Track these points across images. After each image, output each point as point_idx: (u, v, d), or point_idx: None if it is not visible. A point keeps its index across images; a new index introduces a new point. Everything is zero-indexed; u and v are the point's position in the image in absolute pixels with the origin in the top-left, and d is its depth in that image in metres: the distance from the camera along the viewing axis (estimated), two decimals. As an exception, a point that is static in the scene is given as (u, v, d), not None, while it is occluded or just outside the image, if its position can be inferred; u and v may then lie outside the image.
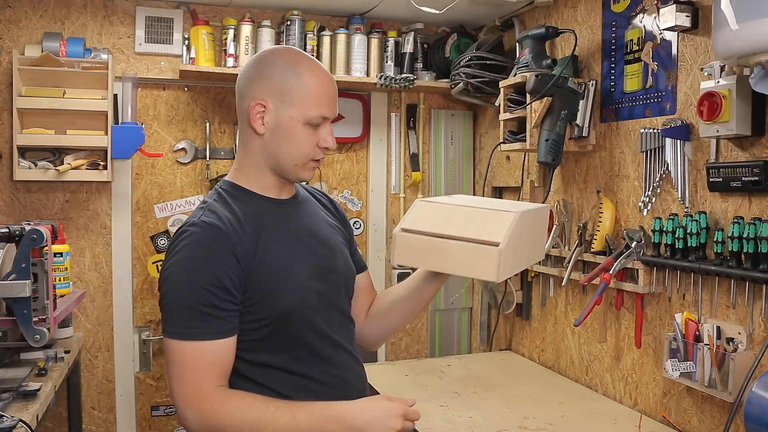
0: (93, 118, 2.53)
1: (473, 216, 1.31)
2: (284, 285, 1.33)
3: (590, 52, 2.31)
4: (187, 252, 1.28)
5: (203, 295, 1.26)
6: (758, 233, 1.60)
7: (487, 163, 2.90)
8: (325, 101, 1.36)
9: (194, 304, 1.26)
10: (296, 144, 1.36)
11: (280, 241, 1.36)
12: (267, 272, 1.32)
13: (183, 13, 2.73)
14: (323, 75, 1.38)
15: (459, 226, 1.29)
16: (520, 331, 2.79)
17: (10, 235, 1.81)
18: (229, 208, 1.35)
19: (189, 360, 1.26)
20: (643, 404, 2.08)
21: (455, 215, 1.32)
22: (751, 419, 1.44)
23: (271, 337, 1.34)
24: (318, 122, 1.36)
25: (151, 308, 2.81)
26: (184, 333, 1.26)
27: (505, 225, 1.27)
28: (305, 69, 1.36)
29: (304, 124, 1.35)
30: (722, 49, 1.53)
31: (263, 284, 1.31)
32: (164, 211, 2.82)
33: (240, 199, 1.38)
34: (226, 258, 1.28)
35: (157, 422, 2.83)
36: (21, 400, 1.74)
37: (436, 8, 2.61)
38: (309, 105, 1.34)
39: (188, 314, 1.26)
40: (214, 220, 1.30)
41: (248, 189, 1.40)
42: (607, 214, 2.16)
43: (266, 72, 1.36)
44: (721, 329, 1.75)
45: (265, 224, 1.36)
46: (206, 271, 1.26)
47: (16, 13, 2.55)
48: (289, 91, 1.34)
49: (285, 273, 1.34)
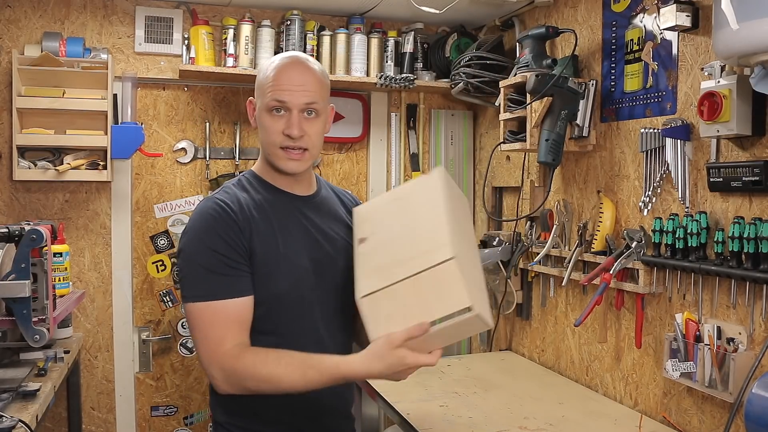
0: (93, 118, 2.53)
1: (421, 286, 1.25)
2: (281, 270, 1.42)
3: (590, 51, 2.31)
4: (199, 224, 1.41)
5: (217, 258, 1.36)
6: (759, 233, 1.60)
7: (487, 163, 2.89)
8: (284, 88, 1.42)
9: (209, 267, 1.36)
10: (265, 132, 1.46)
11: (284, 230, 1.45)
12: (267, 254, 1.41)
13: (183, 12, 2.73)
14: (290, 65, 1.45)
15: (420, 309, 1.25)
16: (520, 331, 2.79)
17: (10, 235, 1.81)
18: (244, 192, 1.47)
19: (208, 319, 1.36)
20: (644, 404, 2.08)
21: (406, 296, 1.26)
22: (751, 419, 1.44)
23: (261, 320, 1.42)
24: (277, 106, 1.43)
25: (150, 308, 2.81)
26: (202, 295, 1.36)
27: (456, 282, 1.22)
28: (277, 64, 1.46)
29: (267, 112, 1.44)
30: (723, 49, 1.52)
31: (261, 265, 1.40)
32: (164, 211, 2.82)
33: (255, 187, 1.49)
34: (233, 230, 1.39)
35: (157, 422, 2.83)
36: (20, 401, 1.74)
37: (436, 8, 2.61)
38: (268, 92, 1.43)
39: (204, 277, 1.37)
40: (225, 199, 1.43)
41: (264, 179, 1.52)
42: (608, 214, 2.16)
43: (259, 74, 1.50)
44: (722, 329, 1.75)
45: (275, 213, 1.46)
46: (218, 237, 1.37)
47: (16, 13, 2.55)
48: (260, 85, 1.47)
49: (284, 259, 1.43)
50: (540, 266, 2.47)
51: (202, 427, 2.90)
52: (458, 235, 1.34)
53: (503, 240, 2.68)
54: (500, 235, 2.71)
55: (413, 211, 1.43)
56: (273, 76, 1.44)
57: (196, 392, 2.88)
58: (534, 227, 2.57)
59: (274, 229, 1.44)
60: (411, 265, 1.27)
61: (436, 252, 1.25)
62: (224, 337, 1.35)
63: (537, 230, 2.55)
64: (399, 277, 1.27)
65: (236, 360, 1.34)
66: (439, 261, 1.24)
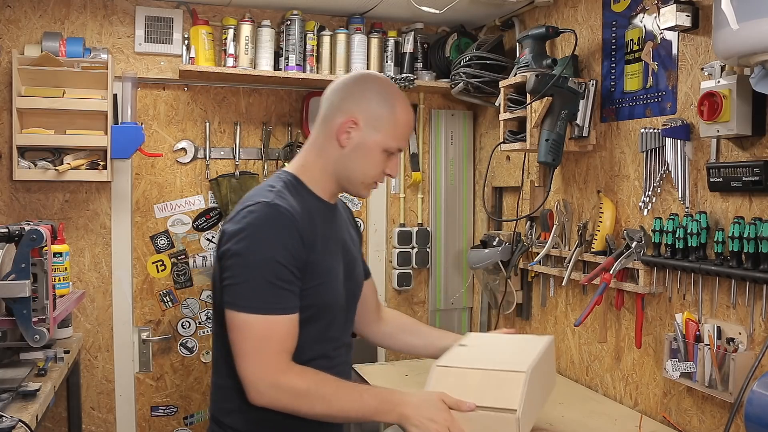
0: (92, 118, 2.53)
1: (488, 379, 1.45)
2: (331, 280, 1.46)
3: (590, 51, 2.31)
4: (261, 229, 1.35)
5: (279, 270, 1.34)
6: (759, 233, 1.60)
7: (487, 163, 2.89)
8: (405, 136, 1.51)
9: (270, 279, 1.33)
10: (370, 165, 1.48)
11: (328, 241, 1.48)
12: (320, 264, 1.43)
13: (183, 12, 2.73)
14: (410, 113, 1.52)
15: (476, 394, 1.42)
16: (520, 331, 2.78)
17: (10, 235, 1.81)
18: (294, 198, 1.44)
19: (266, 334, 1.33)
20: (644, 404, 2.08)
21: (471, 380, 1.46)
22: (751, 419, 1.44)
23: (303, 325, 1.41)
24: (393, 152, 1.49)
25: (150, 308, 2.81)
26: (258, 307, 1.33)
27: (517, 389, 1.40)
28: (399, 103, 1.49)
29: (382, 151, 1.47)
30: (722, 49, 1.52)
31: (316, 275, 1.41)
32: (164, 211, 2.81)
33: (301, 194, 1.47)
34: (296, 240, 1.37)
35: (157, 422, 2.83)
36: (20, 401, 1.74)
37: (436, 8, 2.61)
38: (392, 135, 1.47)
39: (264, 288, 1.33)
40: (285, 204, 1.38)
41: (308, 187, 1.50)
42: (608, 214, 2.16)
43: (366, 94, 1.47)
44: (722, 329, 1.75)
45: (319, 223, 1.46)
46: (282, 247, 1.34)
47: (16, 13, 2.55)
48: (380, 118, 1.46)
49: (332, 270, 1.47)
50: (540, 266, 2.47)
51: (202, 427, 2.90)
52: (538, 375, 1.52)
53: (503, 240, 2.68)
54: (500, 235, 2.71)
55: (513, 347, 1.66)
56: (403, 124, 1.48)
57: (196, 392, 2.88)
58: (534, 227, 2.57)
59: (322, 238, 1.45)
60: (490, 364, 1.50)
61: (515, 366, 1.46)
62: (281, 353, 1.35)
63: (537, 230, 2.55)
64: (474, 366, 1.50)
65: (299, 377, 1.35)
66: (513, 369, 1.45)
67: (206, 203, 2.87)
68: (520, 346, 1.64)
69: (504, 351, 1.63)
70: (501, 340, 1.74)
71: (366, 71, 1.58)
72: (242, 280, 1.34)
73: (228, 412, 1.46)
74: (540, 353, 1.56)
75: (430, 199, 3.16)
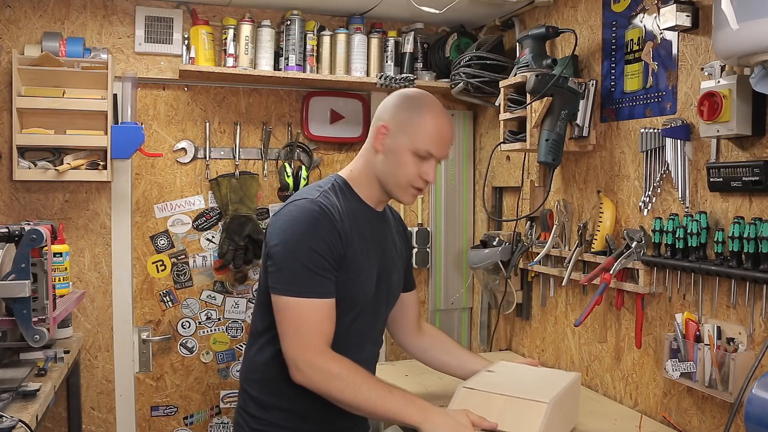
0: (92, 118, 2.52)
1: (510, 406, 1.51)
2: (361, 276, 1.57)
3: (590, 51, 2.31)
4: (303, 222, 1.50)
5: (317, 258, 1.48)
6: (759, 233, 1.60)
7: (487, 163, 2.89)
8: (435, 141, 1.57)
9: (309, 265, 1.47)
10: (401, 168, 1.58)
11: (366, 242, 1.60)
12: (354, 260, 1.55)
13: (183, 12, 2.73)
14: (442, 118, 1.60)
15: (497, 418, 1.48)
16: (520, 331, 2.79)
17: (10, 235, 1.81)
18: (338, 199, 1.58)
19: (304, 315, 1.47)
20: (644, 404, 2.08)
21: (494, 404, 1.51)
22: (751, 419, 1.44)
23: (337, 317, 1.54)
24: (424, 156, 1.57)
25: (150, 308, 2.81)
26: (299, 291, 1.47)
27: (538, 418, 1.45)
28: (428, 109, 1.59)
29: (412, 154, 1.56)
30: (723, 49, 1.52)
31: (349, 269, 1.54)
32: (164, 211, 2.81)
33: (347, 197, 1.61)
34: (333, 234, 1.50)
35: (157, 422, 2.83)
36: (20, 401, 1.74)
37: (436, 8, 2.61)
38: (419, 139, 1.56)
39: (303, 274, 1.47)
40: (327, 204, 1.53)
41: (356, 191, 1.64)
42: (608, 214, 2.16)
43: (398, 103, 1.62)
44: (722, 329, 1.75)
45: (359, 225, 1.59)
46: (320, 239, 1.49)
47: (16, 13, 2.55)
48: (408, 122, 1.58)
49: (364, 268, 1.58)
50: (540, 266, 2.47)
51: (202, 427, 2.90)
52: (561, 408, 1.57)
53: (503, 240, 2.68)
54: (500, 235, 2.71)
55: (540, 378, 1.71)
56: (429, 126, 1.57)
57: (196, 392, 2.88)
58: (534, 227, 2.57)
59: (360, 238, 1.58)
60: (514, 391, 1.54)
61: (538, 396, 1.51)
62: (317, 334, 1.47)
63: (537, 230, 2.55)
64: (500, 391, 1.55)
65: (334, 361, 1.46)
66: (536, 399, 1.50)
67: (206, 203, 2.87)
68: (547, 378, 1.70)
69: (530, 381, 1.67)
70: (528, 370, 1.78)
71: (411, 89, 1.72)
72: (282, 267, 1.49)
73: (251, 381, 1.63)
74: (565, 387, 1.61)
75: (430, 199, 3.16)
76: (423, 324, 1.95)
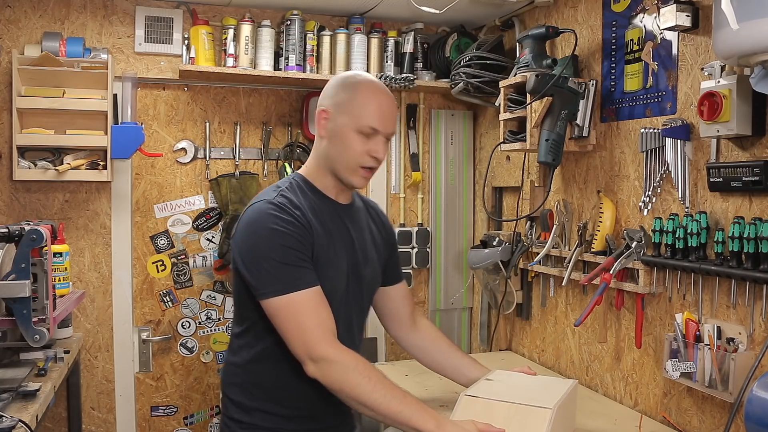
0: (92, 118, 2.52)
1: (514, 413, 1.50)
2: (329, 272, 1.54)
3: (590, 51, 2.31)
4: (265, 224, 1.47)
5: (291, 252, 1.46)
6: (759, 233, 1.60)
7: (487, 163, 2.89)
8: (376, 115, 1.54)
9: (284, 261, 1.45)
10: (347, 149, 1.55)
11: (331, 237, 1.56)
12: (320, 256, 1.52)
13: (183, 12, 2.73)
14: (380, 93, 1.57)
15: (502, 426, 1.47)
16: (520, 331, 2.79)
17: (10, 235, 1.81)
18: (297, 196, 1.56)
19: (299, 309, 1.44)
20: (644, 404, 2.08)
21: (497, 412, 1.51)
22: (751, 419, 1.44)
23: None
24: (368, 132, 1.54)
25: (150, 308, 2.81)
26: (287, 287, 1.44)
27: (543, 425, 1.46)
28: (363, 87, 1.57)
29: (356, 132, 1.54)
30: (723, 49, 1.52)
31: (316, 265, 1.50)
32: (164, 211, 2.82)
33: (306, 193, 1.59)
34: (299, 228, 1.48)
35: (157, 422, 2.83)
36: (20, 401, 1.74)
37: (436, 8, 2.61)
38: (360, 115, 1.53)
39: (283, 271, 1.44)
40: (285, 202, 1.52)
41: (314, 185, 1.62)
42: (608, 214, 2.16)
43: (336, 86, 1.59)
44: (722, 329, 1.75)
45: (323, 218, 1.56)
46: (286, 234, 1.46)
47: (16, 13, 2.55)
48: (346, 103, 1.55)
49: (330, 262, 1.55)
50: (540, 266, 2.47)
51: (202, 427, 2.90)
52: (562, 415, 1.56)
53: (503, 240, 2.68)
54: (500, 235, 2.71)
55: (539, 385, 1.71)
56: (367, 102, 1.54)
57: (196, 392, 2.88)
58: (534, 227, 2.57)
59: (325, 233, 1.55)
60: (517, 399, 1.54)
61: (541, 402, 1.51)
62: (316, 323, 1.44)
63: (537, 230, 2.55)
64: (502, 399, 1.54)
65: (329, 346, 1.42)
66: (540, 405, 1.49)
67: (206, 203, 2.87)
68: (546, 386, 1.70)
69: (530, 388, 1.68)
70: (527, 378, 1.78)
71: (348, 71, 1.70)
72: (261, 271, 1.46)
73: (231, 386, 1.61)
74: (565, 394, 1.61)
75: (430, 199, 3.16)
76: (419, 320, 1.91)
